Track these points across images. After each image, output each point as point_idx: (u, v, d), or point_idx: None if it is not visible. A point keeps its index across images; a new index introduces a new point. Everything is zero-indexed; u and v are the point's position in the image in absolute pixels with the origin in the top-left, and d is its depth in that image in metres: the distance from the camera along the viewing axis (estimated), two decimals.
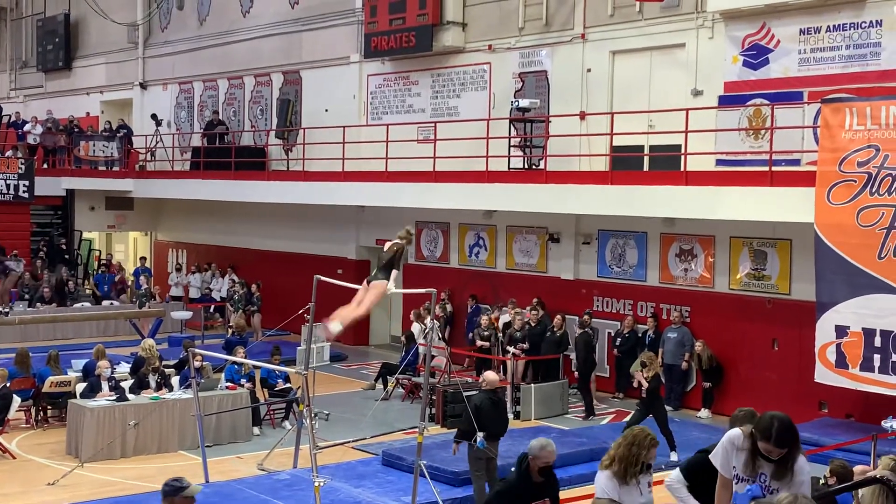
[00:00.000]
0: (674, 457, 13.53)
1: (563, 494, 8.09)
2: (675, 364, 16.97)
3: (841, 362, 13.73)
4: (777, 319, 16.12)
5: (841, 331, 13.69)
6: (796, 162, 15.40)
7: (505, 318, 18.70)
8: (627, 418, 14.36)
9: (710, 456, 6.06)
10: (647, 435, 6.97)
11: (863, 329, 13.46)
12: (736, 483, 5.82)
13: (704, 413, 16.66)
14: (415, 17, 21.27)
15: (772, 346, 16.19)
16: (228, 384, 15.21)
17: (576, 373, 17.21)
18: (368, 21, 22.49)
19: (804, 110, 15.59)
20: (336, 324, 10.59)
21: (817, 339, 13.98)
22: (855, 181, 13.38)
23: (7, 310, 21.19)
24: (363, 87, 23.56)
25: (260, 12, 26.27)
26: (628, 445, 6.80)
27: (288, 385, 15.99)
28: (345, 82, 23.82)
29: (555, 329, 17.55)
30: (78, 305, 24.12)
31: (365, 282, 11.02)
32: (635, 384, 14.02)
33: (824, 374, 13.99)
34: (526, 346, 17.57)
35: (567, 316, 18.00)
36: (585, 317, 17.68)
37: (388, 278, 10.87)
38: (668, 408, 16.44)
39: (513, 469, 7.32)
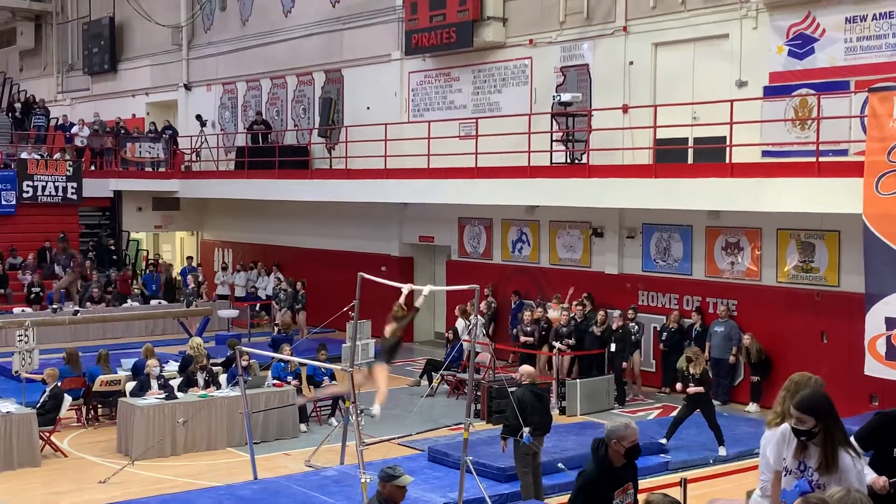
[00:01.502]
0: (722, 451, 13.46)
1: None
2: (723, 358, 16.83)
3: (891, 355, 13.52)
4: (826, 312, 15.92)
5: (891, 322, 13.48)
6: (844, 152, 15.18)
7: (553, 313, 18.63)
8: (674, 413, 14.25)
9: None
10: (810, 377, 6.30)
11: None
12: (785, 476, 5.75)
13: (753, 407, 16.50)
14: (455, 14, 21.27)
15: (821, 338, 15.99)
16: (275, 382, 15.32)
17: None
18: (409, 18, 22.52)
19: (851, 100, 15.36)
20: (377, 407, 11.20)
21: (867, 332, 13.78)
22: None
23: (78, 308, 21.46)
24: (404, 85, 23.60)
25: (301, 12, 26.41)
26: (795, 394, 5.97)
27: (334, 382, 16.06)
28: (386, 80, 23.88)
29: (598, 323, 17.47)
30: (126, 305, 24.44)
31: (365, 367, 11.49)
32: (679, 388, 13.88)
33: (874, 367, 13.79)
34: (572, 341, 17.51)
35: (610, 310, 17.91)
36: (630, 312, 17.58)
37: (389, 362, 11.68)
38: (715, 402, 16.37)
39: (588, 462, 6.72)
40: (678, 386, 13.90)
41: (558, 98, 18.84)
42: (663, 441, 13.63)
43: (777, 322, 16.53)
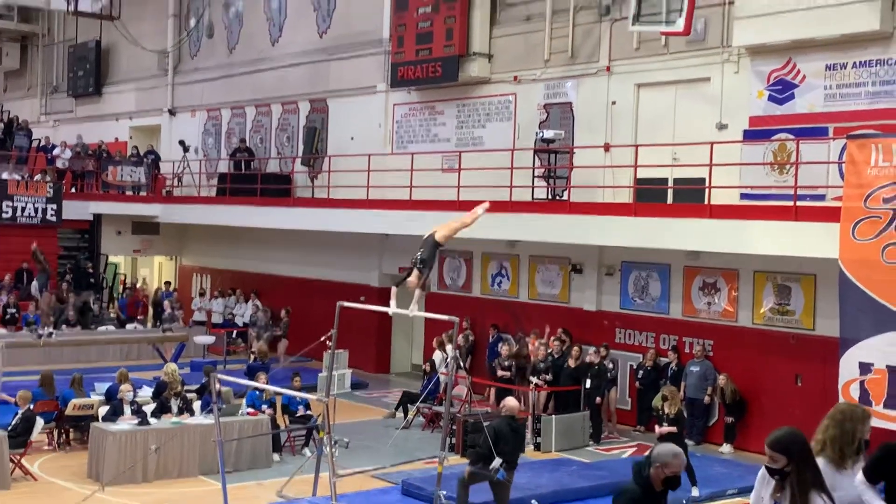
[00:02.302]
0: (694, 492, 13.46)
1: None
2: (698, 398, 16.88)
3: (864, 399, 13.59)
4: (801, 355, 16.02)
5: (865, 368, 13.58)
6: (821, 197, 15.35)
7: (531, 348, 18.62)
8: (648, 452, 14.26)
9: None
10: (856, 407, 6.27)
11: (887, 366, 13.34)
12: None
13: (727, 448, 16.54)
14: (441, 48, 21.44)
15: (795, 381, 16.08)
16: (249, 410, 15.25)
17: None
18: (395, 51, 22.68)
19: (829, 146, 15.56)
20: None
21: (841, 376, 13.86)
22: (880, 217, 13.31)
23: (47, 332, 21.32)
24: (389, 116, 23.71)
25: (288, 41, 26.55)
26: (839, 423, 6.03)
27: (308, 412, 16.01)
28: (371, 111, 23.99)
29: (573, 359, 17.49)
30: (102, 329, 24.29)
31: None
32: (658, 431, 13.86)
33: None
34: (549, 377, 17.53)
35: (586, 347, 17.96)
36: (602, 350, 17.61)
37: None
38: (689, 442, 16.38)
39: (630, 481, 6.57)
40: (656, 427, 13.89)
41: (541, 134, 18.99)
42: None
43: (752, 364, 16.62)
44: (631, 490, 6.28)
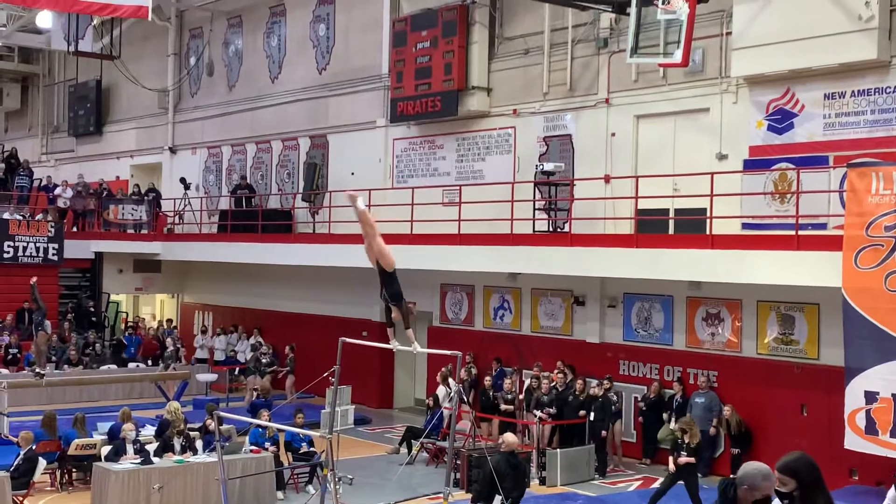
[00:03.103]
0: None
1: None
2: (704, 430, 16.75)
3: (871, 429, 13.53)
4: (806, 384, 15.95)
5: (870, 396, 13.51)
6: (823, 226, 15.34)
7: (533, 382, 18.54)
8: (656, 484, 14.15)
9: None
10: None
11: (892, 395, 13.28)
12: None
13: None
14: (440, 83, 21.54)
15: (801, 411, 16.00)
16: (253, 447, 15.17)
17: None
18: (394, 86, 22.78)
19: (830, 174, 15.57)
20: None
21: (846, 405, 13.80)
22: (882, 245, 13.31)
23: (43, 372, 21.28)
24: (389, 151, 23.78)
25: (288, 78, 26.69)
26: None
27: (312, 449, 15.92)
28: (371, 146, 24.06)
29: (577, 392, 17.42)
30: (104, 368, 24.23)
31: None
32: (672, 459, 13.75)
33: (854, 441, 13.78)
34: (553, 410, 17.44)
35: (589, 379, 17.89)
36: (606, 382, 17.55)
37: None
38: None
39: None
40: (672, 459, 13.78)
41: (541, 167, 19.02)
42: None
43: (757, 394, 16.54)
44: None
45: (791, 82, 16.26)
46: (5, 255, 25.49)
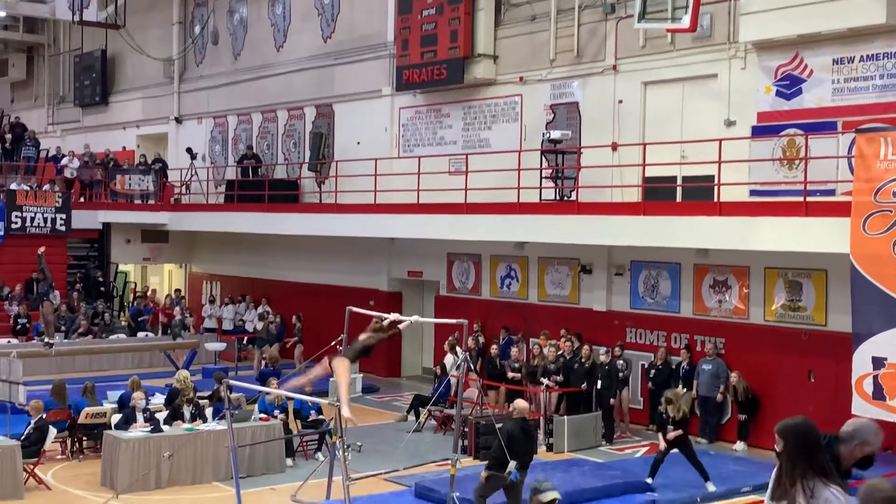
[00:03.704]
0: (710, 487, 13.45)
1: None
2: (710, 396, 16.83)
3: (878, 394, 13.55)
4: (813, 351, 15.96)
5: (878, 362, 13.52)
6: (831, 192, 15.29)
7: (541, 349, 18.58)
8: (657, 453, 14.15)
9: None
10: None
11: None
12: None
13: (740, 446, 16.48)
14: (446, 50, 21.43)
15: (808, 377, 16.02)
16: (262, 415, 15.25)
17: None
18: (400, 54, 22.67)
19: (838, 140, 15.50)
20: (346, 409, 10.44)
21: (854, 371, 13.81)
22: (891, 211, 13.26)
23: (52, 341, 21.39)
24: (395, 120, 23.71)
25: (293, 47, 26.57)
26: None
27: (321, 417, 16.01)
28: (377, 115, 23.99)
29: (583, 360, 17.46)
30: (114, 337, 24.34)
31: (326, 359, 10.99)
32: (661, 436, 13.78)
33: (862, 407, 13.79)
34: (560, 378, 17.48)
35: (596, 347, 17.91)
36: (617, 349, 17.59)
37: (354, 360, 11.13)
38: (703, 440, 16.38)
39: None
40: (661, 436, 13.81)
41: (548, 135, 18.95)
42: (648, 480, 13.60)
43: (764, 361, 16.56)
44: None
45: (799, 47, 16.15)
46: (13, 226, 25.54)
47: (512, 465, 10.77)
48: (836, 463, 5.69)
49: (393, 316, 11.83)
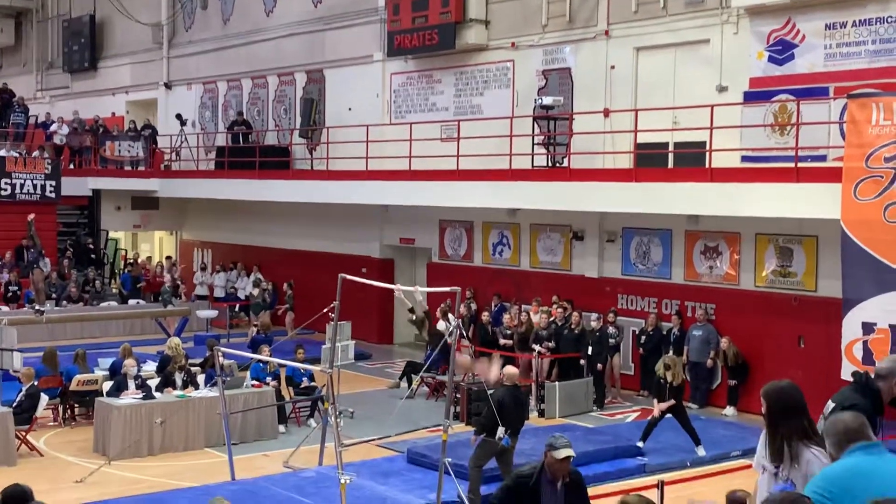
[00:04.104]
0: (700, 451, 13.56)
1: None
2: (701, 362, 16.90)
3: (868, 359, 13.60)
4: (803, 316, 16.02)
5: (868, 327, 13.58)
6: (822, 158, 15.29)
7: (533, 317, 18.59)
8: (650, 417, 14.23)
9: None
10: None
11: (890, 326, 13.35)
12: (762, 473, 5.78)
13: (730, 411, 16.58)
14: (437, 15, 21.28)
15: (798, 343, 16.09)
16: (254, 382, 15.28)
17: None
18: (391, 19, 22.51)
19: (830, 106, 15.47)
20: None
21: (844, 336, 13.87)
22: (882, 177, 13.26)
23: (43, 309, 21.36)
24: (386, 86, 23.58)
25: (283, 12, 26.35)
26: None
27: (313, 383, 16.05)
28: (368, 81, 23.86)
29: (573, 326, 17.50)
30: (104, 304, 24.31)
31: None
32: (656, 404, 13.84)
33: (851, 372, 13.86)
34: (552, 344, 17.53)
35: (587, 313, 17.95)
36: (611, 315, 17.63)
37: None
38: (693, 405, 16.48)
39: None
40: (655, 402, 13.87)
41: (540, 101, 18.88)
42: (640, 444, 13.68)
43: (755, 326, 16.62)
44: (861, 403, 5.77)
45: (792, 12, 16.08)
46: (3, 193, 25.40)
47: (500, 430, 10.82)
48: (876, 399, 5.87)
49: (395, 290, 11.87)
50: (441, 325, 18.95)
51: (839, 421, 5.04)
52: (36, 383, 14.39)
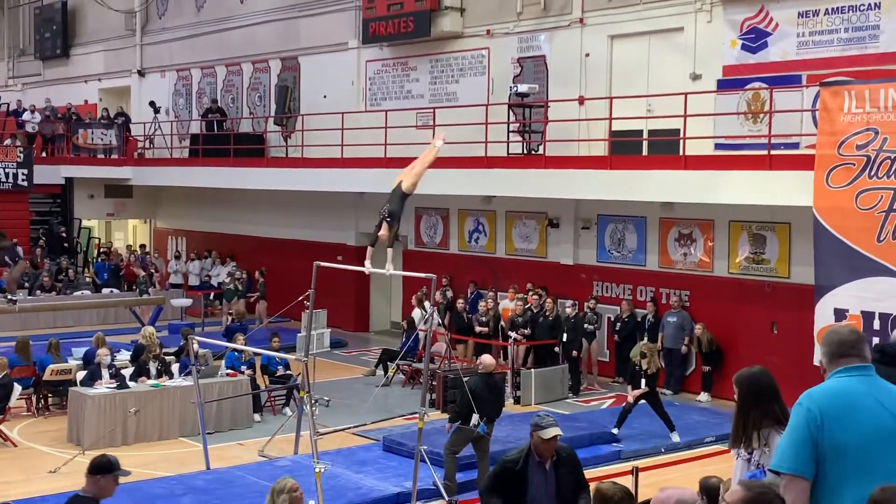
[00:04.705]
0: (675, 438, 13.65)
1: None
2: (675, 348, 17.01)
3: None
4: (776, 303, 16.14)
5: (840, 314, 13.70)
6: (795, 145, 15.39)
7: (509, 304, 18.67)
8: (625, 404, 14.30)
9: None
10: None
11: (862, 312, 13.47)
12: (736, 459, 5.81)
13: (704, 397, 16.70)
14: (413, 3, 21.22)
15: (771, 329, 16.21)
16: (229, 371, 15.24)
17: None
18: (366, 6, 22.43)
19: (803, 94, 15.56)
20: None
21: (816, 323, 13.97)
22: (854, 164, 13.36)
23: (16, 298, 21.20)
24: (361, 73, 23.51)
25: None
26: None
27: (288, 372, 16.02)
28: (343, 68, 23.77)
29: (547, 313, 17.56)
30: (78, 293, 24.15)
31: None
32: (630, 391, 13.91)
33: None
34: (527, 331, 17.58)
35: (562, 300, 18.01)
36: (592, 302, 17.73)
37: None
38: (667, 391, 16.60)
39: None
40: (629, 389, 13.95)
41: (515, 89, 18.89)
42: (615, 430, 13.76)
43: (728, 313, 16.73)
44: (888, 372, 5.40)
45: (765, 1, 16.14)
46: None
47: (475, 418, 10.86)
48: None
49: (366, 270, 11.90)
50: (416, 313, 18.99)
51: (835, 333, 4.90)
52: (9, 373, 14.28)
